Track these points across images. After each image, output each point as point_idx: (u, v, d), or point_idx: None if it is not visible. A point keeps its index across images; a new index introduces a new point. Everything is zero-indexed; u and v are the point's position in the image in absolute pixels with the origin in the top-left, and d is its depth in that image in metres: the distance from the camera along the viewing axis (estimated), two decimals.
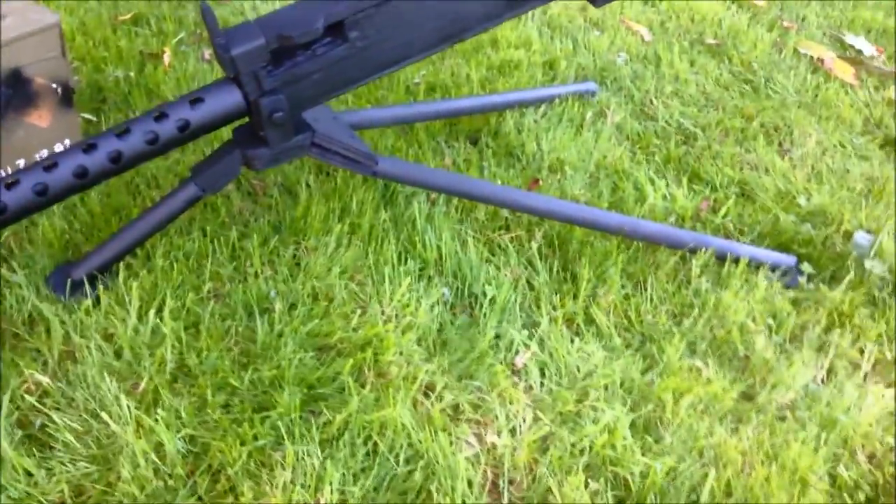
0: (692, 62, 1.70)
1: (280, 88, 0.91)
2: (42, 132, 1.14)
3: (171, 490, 0.82)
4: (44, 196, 0.87)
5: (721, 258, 1.14)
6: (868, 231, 1.24)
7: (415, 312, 1.00)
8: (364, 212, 1.14)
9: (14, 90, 1.08)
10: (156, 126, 0.89)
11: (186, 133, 0.90)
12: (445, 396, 0.92)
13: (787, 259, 1.17)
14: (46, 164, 0.87)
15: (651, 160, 1.38)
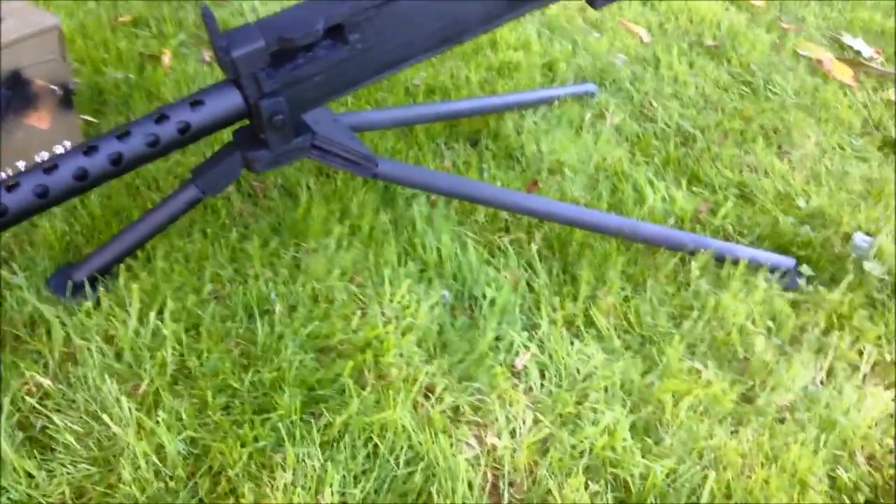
0: (691, 64, 1.71)
1: (280, 90, 0.91)
2: (42, 134, 1.14)
3: (172, 492, 0.82)
4: (44, 198, 0.87)
5: (720, 260, 1.14)
6: (867, 233, 1.25)
7: (415, 314, 1.00)
8: (364, 214, 1.14)
9: (14, 92, 1.08)
10: (156, 128, 0.89)
11: (187, 135, 0.90)
12: (445, 398, 0.92)
13: (787, 261, 1.17)
14: (47, 166, 0.87)
15: (650, 162, 1.38)
